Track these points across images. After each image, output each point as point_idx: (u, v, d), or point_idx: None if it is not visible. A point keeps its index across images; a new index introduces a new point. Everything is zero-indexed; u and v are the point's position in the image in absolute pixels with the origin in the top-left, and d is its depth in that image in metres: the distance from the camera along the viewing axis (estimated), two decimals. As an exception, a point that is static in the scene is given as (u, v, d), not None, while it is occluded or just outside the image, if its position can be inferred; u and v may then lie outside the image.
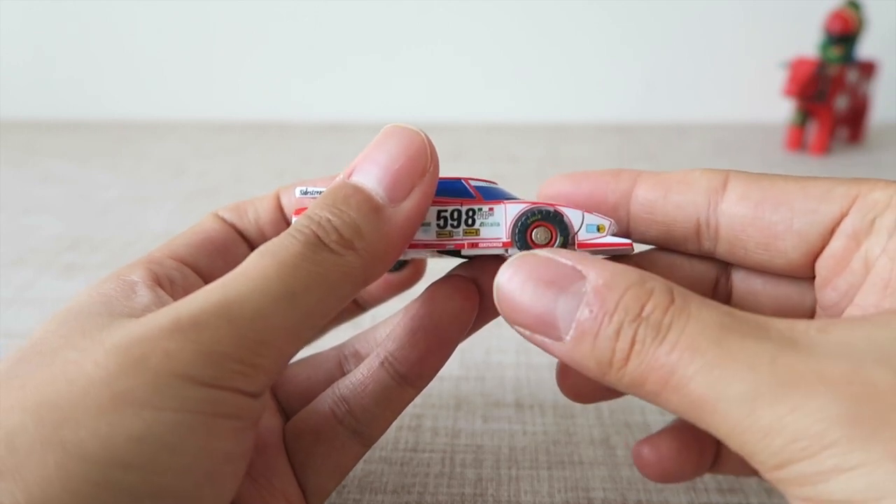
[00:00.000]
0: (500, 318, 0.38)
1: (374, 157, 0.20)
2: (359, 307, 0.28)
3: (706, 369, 0.15)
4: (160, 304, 0.19)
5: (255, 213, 0.25)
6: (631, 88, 0.84)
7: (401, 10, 0.81)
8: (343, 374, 0.25)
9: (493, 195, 0.22)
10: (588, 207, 0.22)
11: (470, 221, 0.21)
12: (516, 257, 0.18)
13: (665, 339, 0.15)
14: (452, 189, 0.22)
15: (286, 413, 0.25)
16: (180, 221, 0.55)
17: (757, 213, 0.20)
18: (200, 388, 0.16)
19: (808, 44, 0.72)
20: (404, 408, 0.23)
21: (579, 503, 0.27)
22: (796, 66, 0.67)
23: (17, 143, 0.77)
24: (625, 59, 0.83)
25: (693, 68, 0.82)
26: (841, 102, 0.69)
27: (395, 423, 0.31)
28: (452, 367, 0.36)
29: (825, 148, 0.70)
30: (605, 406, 0.33)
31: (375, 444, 0.30)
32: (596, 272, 0.17)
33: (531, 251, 0.19)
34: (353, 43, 0.83)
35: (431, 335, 0.22)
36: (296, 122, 0.84)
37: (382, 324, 0.26)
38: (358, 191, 0.19)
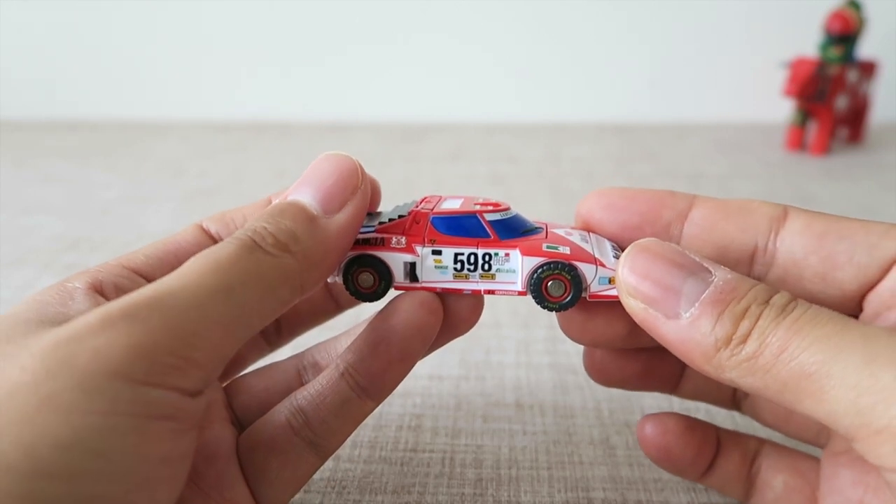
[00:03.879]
0: (499, 320, 0.38)
1: (307, 178, 0.21)
2: (336, 306, 0.27)
3: (824, 338, 0.16)
4: None
5: (244, 222, 0.24)
6: (631, 88, 0.84)
7: (401, 11, 0.81)
8: (302, 384, 0.24)
9: (508, 230, 0.22)
10: (633, 230, 0.22)
11: (486, 266, 0.22)
12: (646, 240, 0.20)
13: (789, 315, 0.17)
14: (468, 226, 0.22)
15: (241, 424, 0.24)
16: (180, 221, 0.55)
17: (821, 242, 0.21)
18: (133, 386, 0.15)
19: (808, 44, 0.72)
20: (362, 420, 0.23)
21: (579, 503, 0.27)
22: (796, 66, 0.67)
23: (17, 143, 0.77)
24: (625, 59, 0.83)
25: (693, 68, 0.82)
26: (841, 102, 0.69)
27: (395, 423, 0.31)
28: (452, 367, 0.36)
29: (825, 148, 0.70)
30: (605, 406, 0.33)
31: (375, 444, 0.30)
32: (722, 272, 0.18)
33: (655, 240, 0.20)
34: (354, 43, 0.83)
35: (394, 348, 0.22)
36: (296, 122, 0.84)
37: (343, 335, 0.26)
38: (293, 204, 0.20)
